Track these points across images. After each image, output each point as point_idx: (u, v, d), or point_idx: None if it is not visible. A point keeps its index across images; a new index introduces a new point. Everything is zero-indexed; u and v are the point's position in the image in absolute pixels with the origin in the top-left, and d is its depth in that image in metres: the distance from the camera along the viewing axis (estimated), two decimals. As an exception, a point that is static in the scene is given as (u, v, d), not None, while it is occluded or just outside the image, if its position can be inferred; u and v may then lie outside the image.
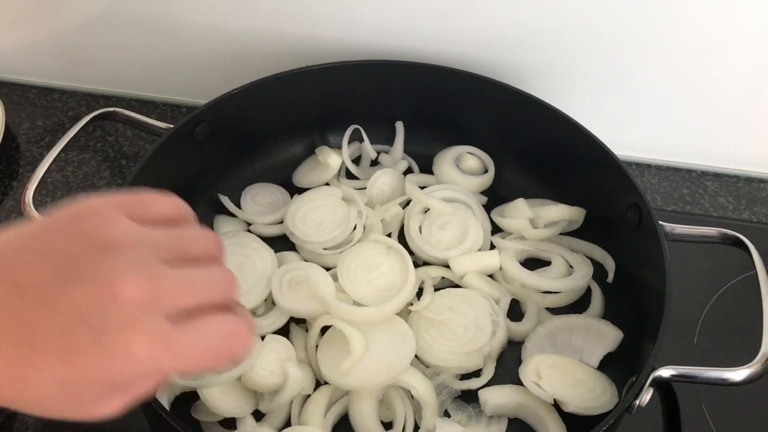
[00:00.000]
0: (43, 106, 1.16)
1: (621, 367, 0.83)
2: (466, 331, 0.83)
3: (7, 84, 1.19)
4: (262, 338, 0.82)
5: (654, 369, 0.71)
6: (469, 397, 0.82)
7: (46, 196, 1.04)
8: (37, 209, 0.83)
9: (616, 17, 0.97)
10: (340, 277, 0.86)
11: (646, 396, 0.70)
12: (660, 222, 0.82)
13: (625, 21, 0.97)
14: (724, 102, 1.05)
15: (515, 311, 0.90)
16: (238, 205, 0.98)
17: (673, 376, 0.71)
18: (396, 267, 0.87)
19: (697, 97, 1.05)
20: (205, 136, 0.94)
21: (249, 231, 0.96)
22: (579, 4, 0.96)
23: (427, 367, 0.83)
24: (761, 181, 1.11)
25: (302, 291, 0.85)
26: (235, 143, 1.00)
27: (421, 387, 0.79)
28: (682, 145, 1.11)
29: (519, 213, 0.95)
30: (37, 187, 0.85)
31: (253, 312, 0.86)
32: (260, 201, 1.00)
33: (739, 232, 0.84)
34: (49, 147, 1.10)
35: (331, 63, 0.99)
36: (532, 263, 0.94)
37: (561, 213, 0.95)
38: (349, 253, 0.88)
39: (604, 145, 0.92)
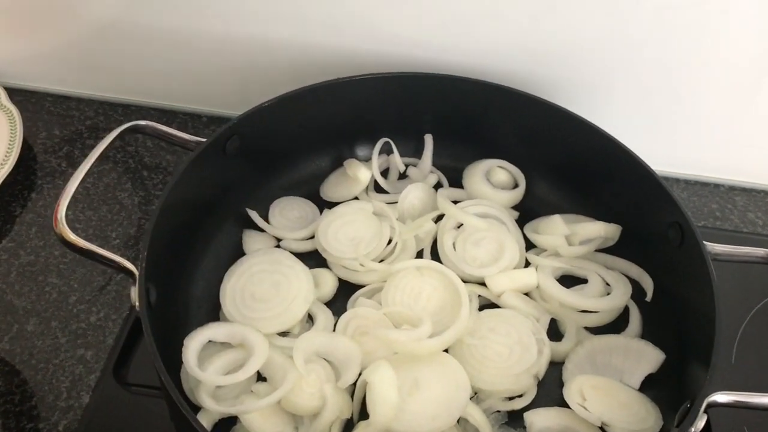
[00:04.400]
0: (59, 114, 1.13)
1: (663, 388, 0.82)
2: (512, 352, 0.82)
3: (21, 91, 1.15)
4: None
5: (707, 394, 0.70)
6: (512, 419, 0.80)
7: (68, 209, 1.00)
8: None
9: (644, 30, 0.96)
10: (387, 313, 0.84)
11: (701, 423, 0.69)
12: (704, 242, 0.81)
13: (653, 34, 0.96)
14: (752, 117, 1.04)
15: (552, 330, 0.88)
16: (267, 220, 0.96)
17: (729, 402, 0.69)
18: (437, 285, 0.86)
19: (726, 112, 1.04)
20: (235, 150, 0.91)
21: (279, 247, 0.94)
22: (604, 17, 0.95)
23: (475, 393, 0.81)
24: (789, 196, 1.10)
25: (366, 344, 0.81)
26: (264, 157, 0.97)
27: (478, 414, 0.77)
28: (710, 160, 1.10)
29: (555, 230, 0.93)
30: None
31: (289, 332, 0.84)
32: (288, 215, 0.98)
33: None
34: (68, 158, 1.07)
35: (361, 75, 0.97)
36: (567, 280, 0.93)
37: (598, 230, 0.93)
38: (388, 288, 0.86)
39: (641, 160, 0.90)
